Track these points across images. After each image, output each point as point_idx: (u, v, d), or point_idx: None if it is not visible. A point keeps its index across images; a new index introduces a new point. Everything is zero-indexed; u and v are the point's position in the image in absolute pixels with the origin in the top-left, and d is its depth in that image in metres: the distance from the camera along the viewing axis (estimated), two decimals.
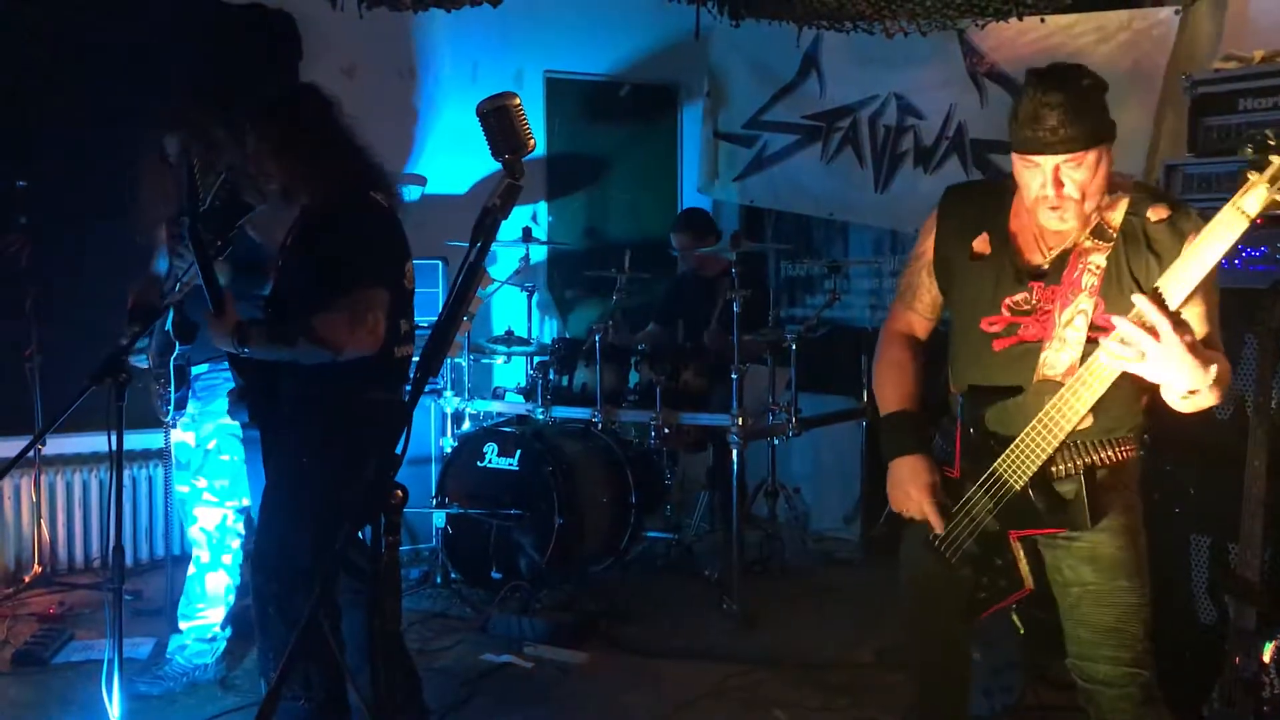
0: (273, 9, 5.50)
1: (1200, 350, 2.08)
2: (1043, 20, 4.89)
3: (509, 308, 6.26)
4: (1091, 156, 2.19)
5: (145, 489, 5.31)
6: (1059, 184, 2.21)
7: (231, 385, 3.55)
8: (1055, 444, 2.27)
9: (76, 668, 4.05)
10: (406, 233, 3.18)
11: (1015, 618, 2.52)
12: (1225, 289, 3.53)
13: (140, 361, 3.64)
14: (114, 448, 2.62)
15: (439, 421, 5.35)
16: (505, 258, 6.10)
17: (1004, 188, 2.41)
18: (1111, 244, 2.27)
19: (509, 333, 5.58)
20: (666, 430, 5.07)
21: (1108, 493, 2.37)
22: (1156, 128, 4.59)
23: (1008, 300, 2.36)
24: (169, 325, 3.54)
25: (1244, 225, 2.01)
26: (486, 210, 1.86)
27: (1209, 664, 3.26)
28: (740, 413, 4.66)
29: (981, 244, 2.41)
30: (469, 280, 1.84)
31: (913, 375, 2.57)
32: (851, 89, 5.91)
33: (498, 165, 1.90)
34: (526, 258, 5.71)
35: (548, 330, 6.57)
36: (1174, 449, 3.64)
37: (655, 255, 6.74)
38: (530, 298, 5.70)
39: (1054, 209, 2.24)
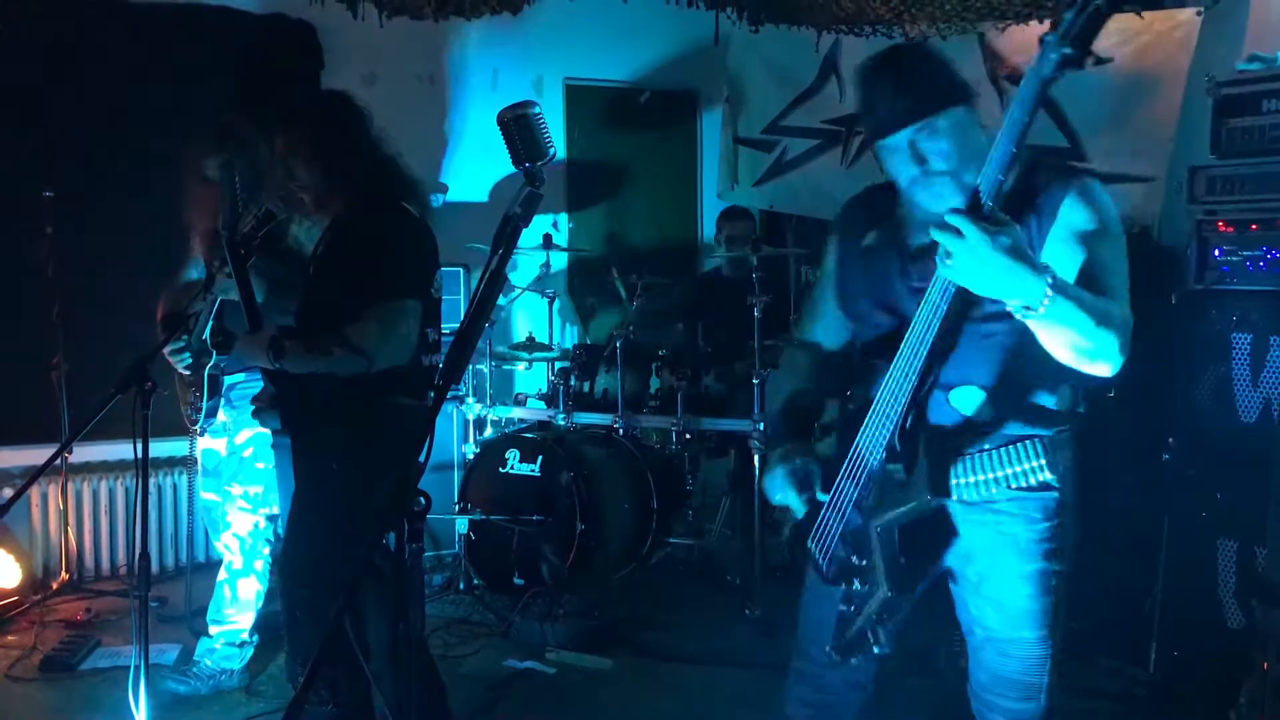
0: (294, 19, 5.53)
1: (1019, 252, 1.83)
2: None
3: (530, 314, 6.28)
4: (943, 122, 2.05)
5: (170, 496, 5.34)
6: (920, 159, 2.07)
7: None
8: (904, 399, 2.03)
9: (103, 673, 4.08)
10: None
11: (869, 632, 2.17)
12: (1251, 291, 3.53)
13: (184, 360, 3.64)
14: (139, 455, 2.64)
15: (461, 428, 5.37)
16: (526, 264, 6.12)
17: (890, 187, 2.27)
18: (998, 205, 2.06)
19: (530, 339, 5.60)
20: (688, 435, 5.07)
21: (1013, 523, 2.16)
22: (1178, 129, 4.56)
23: (895, 287, 2.20)
24: (207, 334, 3.55)
25: (1042, 90, 1.82)
26: (508, 218, 1.87)
27: (1236, 669, 3.23)
28: (762, 418, 4.66)
29: (871, 240, 2.29)
30: (491, 288, 1.85)
31: (804, 377, 2.45)
32: None
33: (518, 172, 1.91)
34: (547, 264, 5.72)
35: (569, 336, 6.59)
36: (1200, 454, 3.62)
37: (676, 260, 6.76)
38: (551, 304, 5.71)
39: (925, 187, 2.09)
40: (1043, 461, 2.12)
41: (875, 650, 2.18)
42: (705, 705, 3.88)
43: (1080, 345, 1.94)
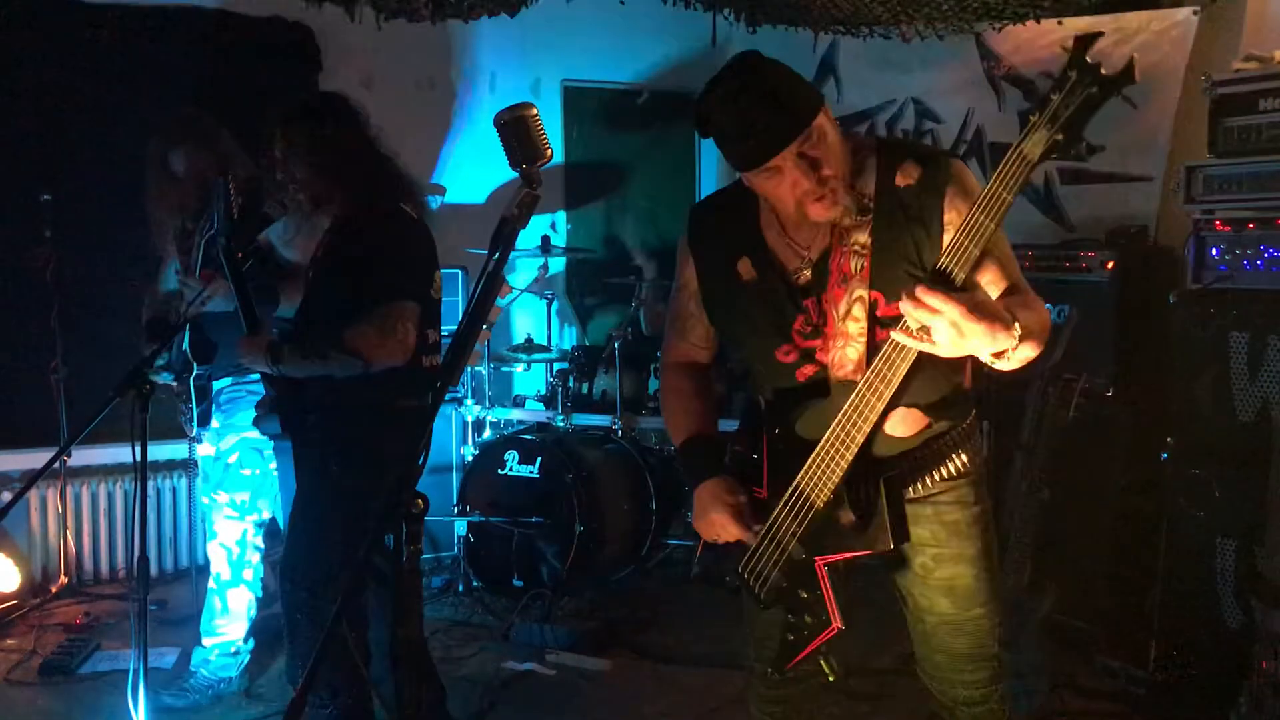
0: (291, 21, 5.53)
1: (992, 310, 1.84)
2: (1060, 23, 4.88)
3: (529, 316, 6.28)
4: (815, 128, 2.01)
5: (169, 500, 5.34)
6: (812, 167, 2.01)
7: (255, 399, 3.57)
8: (854, 449, 2.02)
9: (102, 677, 4.08)
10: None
11: (824, 663, 2.21)
12: (1249, 291, 3.53)
13: (165, 378, 3.66)
14: (138, 459, 2.64)
15: (460, 430, 5.37)
16: (524, 266, 6.12)
17: (745, 197, 2.20)
18: (870, 215, 2.06)
19: (529, 341, 5.60)
20: None
21: (951, 510, 2.20)
22: (1175, 129, 4.57)
23: (795, 327, 2.16)
24: (186, 345, 3.55)
25: (1027, 171, 1.80)
26: (505, 220, 1.87)
27: (1236, 668, 3.24)
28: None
29: (746, 269, 2.20)
30: (488, 289, 1.85)
31: (700, 400, 2.40)
32: (869, 94, 5.91)
33: (516, 174, 1.91)
34: (545, 266, 5.73)
35: (567, 338, 6.59)
36: (1198, 453, 3.62)
37: (674, 262, 6.75)
38: (549, 306, 5.71)
39: (820, 198, 2.03)
40: (964, 447, 2.21)
41: (830, 680, 2.23)
42: (705, 707, 3.87)
43: (1027, 359, 1.96)
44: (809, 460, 2.08)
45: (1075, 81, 1.76)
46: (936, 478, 2.20)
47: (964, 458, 2.22)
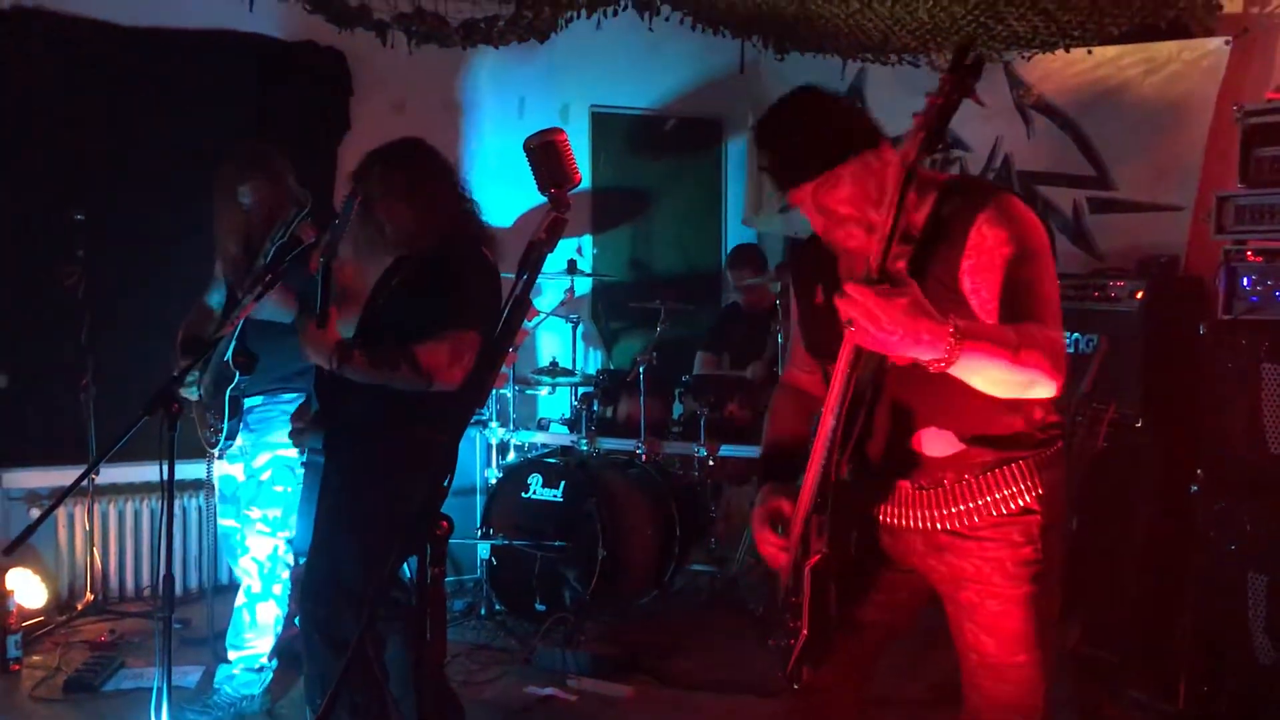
0: (324, 46, 5.59)
1: (915, 305, 1.80)
2: (1090, 52, 4.87)
3: (554, 339, 6.29)
4: (845, 171, 2.09)
5: (195, 519, 5.36)
6: (822, 210, 2.12)
7: (288, 417, 3.60)
8: (832, 455, 2.10)
9: (126, 695, 4.09)
10: None
11: (796, 669, 2.27)
12: (1272, 321, 3.50)
13: (191, 394, 3.70)
14: (165, 478, 2.66)
15: (484, 453, 5.38)
16: (550, 289, 6.14)
17: None
18: (912, 245, 2.09)
19: (554, 364, 5.61)
20: (711, 462, 5.06)
21: (996, 548, 2.18)
22: (1206, 158, 4.54)
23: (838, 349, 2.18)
24: (228, 356, 3.60)
25: (902, 174, 1.88)
26: (533, 244, 1.88)
27: (1266, 705, 3.19)
28: None
29: (820, 294, 2.30)
30: (516, 312, 1.86)
31: (788, 419, 2.48)
32: (898, 121, 5.88)
33: (544, 198, 1.93)
34: (571, 290, 5.74)
35: (592, 361, 6.60)
36: (1228, 485, 3.58)
37: (699, 287, 6.76)
38: (575, 329, 5.73)
39: (832, 235, 2.16)
40: (1023, 486, 2.16)
41: (794, 687, 2.26)
42: None
43: (1007, 380, 1.94)
44: (808, 468, 2.16)
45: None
46: (981, 515, 2.17)
47: (1021, 500, 2.16)
